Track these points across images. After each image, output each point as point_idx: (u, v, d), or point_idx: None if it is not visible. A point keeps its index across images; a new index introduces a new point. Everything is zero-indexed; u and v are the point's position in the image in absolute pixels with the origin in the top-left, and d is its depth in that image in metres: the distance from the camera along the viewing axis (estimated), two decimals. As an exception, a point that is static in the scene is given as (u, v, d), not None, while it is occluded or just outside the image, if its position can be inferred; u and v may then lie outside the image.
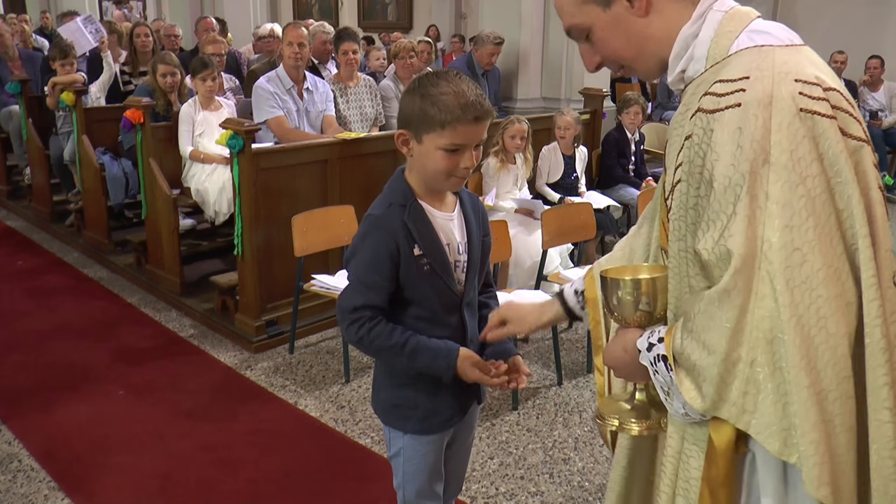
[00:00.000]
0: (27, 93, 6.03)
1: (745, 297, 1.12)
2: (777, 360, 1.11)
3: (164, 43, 6.59)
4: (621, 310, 1.33)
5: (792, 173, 1.10)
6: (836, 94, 1.16)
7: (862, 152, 1.16)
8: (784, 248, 1.10)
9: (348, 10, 15.32)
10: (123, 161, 5.20)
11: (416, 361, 1.75)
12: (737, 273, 1.12)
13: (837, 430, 1.11)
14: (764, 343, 1.11)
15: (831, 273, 1.10)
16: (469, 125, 1.65)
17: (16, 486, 2.82)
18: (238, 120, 3.98)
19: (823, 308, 1.10)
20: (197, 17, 8.05)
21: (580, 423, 3.34)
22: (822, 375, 1.10)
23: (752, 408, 1.13)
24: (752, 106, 1.13)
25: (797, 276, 1.09)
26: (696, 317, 1.18)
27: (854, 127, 1.16)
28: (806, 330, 1.09)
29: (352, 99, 5.00)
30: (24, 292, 4.80)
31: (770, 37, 1.21)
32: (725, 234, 1.14)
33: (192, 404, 3.44)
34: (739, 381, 1.13)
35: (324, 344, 4.12)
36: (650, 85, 9.77)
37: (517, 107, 6.33)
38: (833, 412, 1.11)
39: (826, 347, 1.10)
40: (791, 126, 1.11)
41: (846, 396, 1.11)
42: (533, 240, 4.53)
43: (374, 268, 1.73)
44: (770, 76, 1.14)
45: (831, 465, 1.11)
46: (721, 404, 1.14)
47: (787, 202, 1.10)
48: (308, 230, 3.73)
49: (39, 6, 11.90)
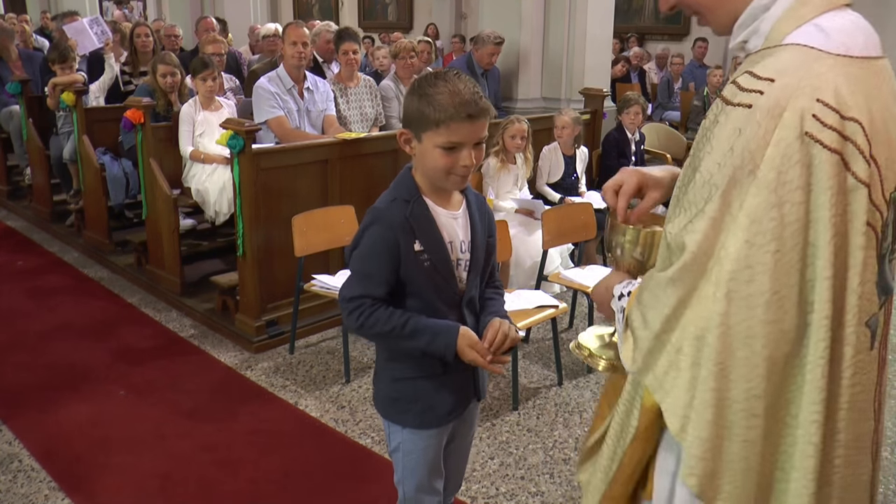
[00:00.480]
0: (27, 93, 6.03)
1: (688, 291, 1.18)
2: (698, 357, 1.18)
3: (165, 43, 6.59)
4: (616, 253, 1.45)
5: (772, 194, 1.10)
6: (855, 126, 1.11)
7: (857, 194, 1.12)
8: (737, 261, 1.13)
9: (349, 10, 15.34)
10: (124, 161, 5.20)
11: (416, 341, 1.77)
12: (684, 268, 1.18)
13: (734, 439, 1.18)
14: (692, 338, 1.18)
15: (775, 299, 1.13)
16: (463, 122, 1.67)
17: (16, 486, 2.82)
18: (238, 120, 3.98)
19: (756, 328, 1.14)
20: (197, 17, 8.04)
21: (581, 424, 3.34)
22: (731, 386, 1.16)
23: (668, 387, 1.22)
24: (760, 112, 1.12)
25: (740, 292, 1.13)
26: (646, 291, 1.27)
27: (859, 166, 1.12)
28: (730, 341, 1.15)
29: (352, 99, 5.00)
30: (25, 292, 4.80)
31: (829, 39, 1.15)
32: (689, 227, 1.18)
33: (192, 404, 3.44)
34: (664, 361, 1.22)
35: (324, 344, 4.12)
36: (650, 85, 9.79)
37: (517, 107, 6.33)
38: (733, 421, 1.17)
39: (744, 363, 1.15)
40: (789, 147, 1.10)
41: (752, 413, 1.17)
42: (533, 240, 4.54)
43: (373, 259, 1.76)
44: (793, 86, 1.11)
45: (713, 464, 1.19)
46: (646, 373, 1.25)
47: (758, 220, 1.11)
48: (308, 230, 3.73)
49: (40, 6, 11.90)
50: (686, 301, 1.19)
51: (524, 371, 3.79)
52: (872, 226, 1.15)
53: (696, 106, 8.20)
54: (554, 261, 4.62)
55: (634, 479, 1.40)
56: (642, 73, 9.97)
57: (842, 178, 1.11)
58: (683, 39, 11.07)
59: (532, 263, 4.49)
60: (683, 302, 1.19)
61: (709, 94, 8.05)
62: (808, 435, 1.17)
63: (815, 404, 1.15)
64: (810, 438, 1.17)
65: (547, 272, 4.19)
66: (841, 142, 1.10)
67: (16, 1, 13.41)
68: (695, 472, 1.20)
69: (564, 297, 4.37)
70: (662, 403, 1.23)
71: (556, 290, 4.56)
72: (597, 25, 6.27)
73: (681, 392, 1.21)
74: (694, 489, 1.21)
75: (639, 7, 11.79)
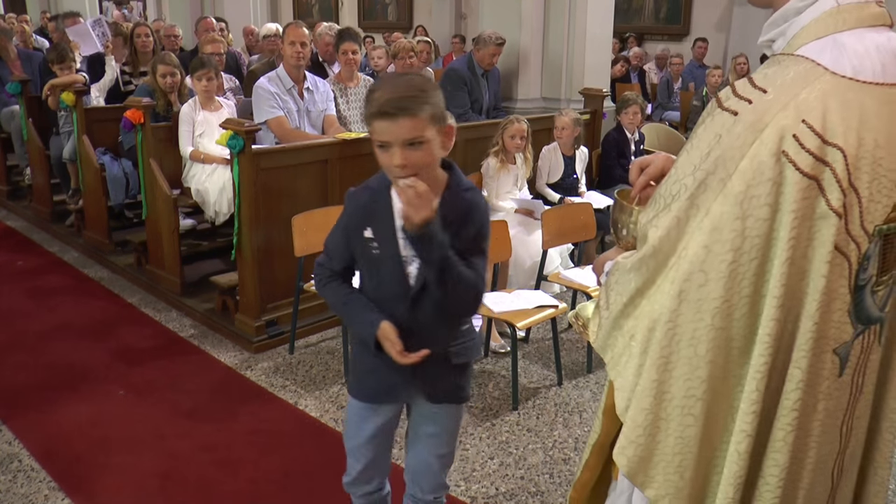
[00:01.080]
0: (27, 93, 6.03)
1: (647, 282, 1.23)
2: (647, 346, 1.23)
3: (165, 43, 6.59)
4: (615, 229, 1.50)
5: (737, 207, 1.11)
6: (836, 153, 1.09)
7: (826, 221, 1.10)
8: (693, 263, 1.15)
9: (349, 10, 15.33)
10: (124, 161, 5.20)
11: (349, 321, 2.02)
12: (643, 259, 1.22)
13: (669, 433, 1.23)
14: (645, 328, 1.23)
15: (725, 307, 1.15)
16: (379, 121, 1.70)
17: (16, 486, 2.82)
18: (238, 120, 3.98)
19: (701, 331, 1.17)
20: (197, 17, 8.05)
21: (580, 424, 3.34)
22: (672, 381, 1.21)
23: (621, 368, 1.29)
24: (743, 123, 1.12)
25: (692, 294, 1.16)
26: (613, 275, 1.32)
27: (834, 194, 1.10)
28: (676, 339, 1.19)
29: (352, 99, 5.00)
30: (25, 292, 4.80)
31: (840, 58, 1.11)
32: (655, 220, 1.20)
33: (192, 404, 3.44)
34: (621, 344, 1.29)
35: (324, 344, 4.12)
36: (650, 85, 9.79)
37: (517, 107, 6.32)
38: (670, 415, 1.22)
39: (686, 363, 1.19)
40: (763, 164, 1.09)
41: (688, 412, 1.21)
42: (533, 240, 4.54)
43: (334, 235, 1.96)
44: (782, 103, 1.10)
45: (646, 451, 1.24)
46: (606, 350, 1.32)
47: (719, 228, 1.12)
48: (308, 230, 3.73)
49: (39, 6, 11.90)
50: (643, 291, 1.24)
51: (524, 371, 3.79)
52: (846, 255, 1.13)
53: (695, 106, 8.21)
54: (553, 261, 4.62)
55: (605, 451, 1.49)
56: (642, 73, 9.98)
57: (811, 204, 1.10)
58: (683, 39, 11.07)
59: (532, 263, 4.49)
60: (641, 292, 1.24)
61: (708, 94, 8.05)
62: (737, 443, 1.20)
63: (746, 415, 1.18)
64: (737, 446, 1.20)
65: (547, 272, 4.19)
66: (817, 167, 1.09)
67: (16, 1, 13.41)
68: (626, 452, 1.25)
69: (564, 297, 4.37)
70: (616, 382, 1.30)
71: (556, 290, 4.56)
72: (597, 25, 6.27)
73: (629, 375, 1.26)
74: (623, 468, 1.26)
75: (638, 7, 11.78)
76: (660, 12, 11.53)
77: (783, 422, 1.19)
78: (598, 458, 1.51)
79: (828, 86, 1.10)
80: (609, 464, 1.51)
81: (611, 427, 1.44)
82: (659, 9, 11.54)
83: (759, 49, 7.78)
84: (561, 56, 6.32)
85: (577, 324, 1.58)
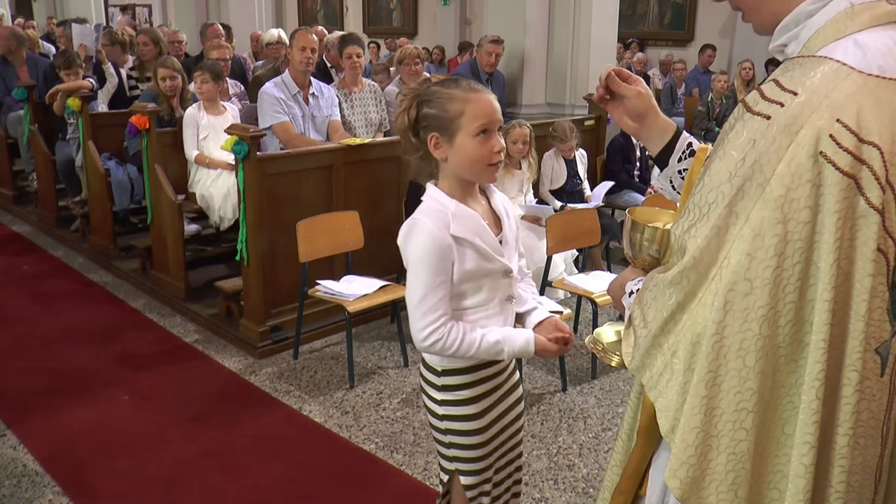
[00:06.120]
0: (33, 98, 6.06)
1: (688, 296, 1.19)
2: (692, 362, 1.19)
3: (169, 49, 6.62)
4: (633, 249, 1.46)
5: (778, 211, 1.10)
6: (873, 150, 1.09)
7: (867, 219, 1.10)
8: (736, 272, 1.13)
9: (353, 15, 15.39)
10: (128, 166, 5.22)
11: None
12: (684, 272, 1.18)
13: (721, 451, 1.19)
14: (688, 342, 1.19)
15: (771, 314, 1.13)
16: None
17: (20, 490, 2.82)
18: (243, 126, 3.99)
19: (748, 341, 1.14)
20: (202, 22, 8.09)
21: (585, 430, 3.33)
22: (721, 395, 1.17)
23: (663, 388, 1.24)
24: (777, 126, 1.10)
25: (737, 304, 1.13)
26: (648, 291, 1.27)
27: (873, 191, 1.09)
28: (723, 352, 1.16)
29: (356, 105, 5.00)
30: (30, 297, 4.81)
31: (865, 57, 1.11)
32: (692, 231, 1.18)
33: (196, 409, 3.44)
34: (660, 362, 1.24)
35: (328, 349, 4.12)
36: (654, 90, 9.80)
37: (521, 112, 6.33)
38: (721, 431, 1.18)
39: (735, 375, 1.16)
40: (802, 166, 1.08)
41: (740, 426, 1.17)
42: (539, 246, 4.53)
43: None
44: (815, 104, 1.09)
45: (698, 471, 1.20)
46: (643, 371, 1.27)
47: (761, 234, 1.11)
48: (313, 236, 3.74)
49: (46, 11, 11.97)
50: (684, 305, 1.20)
51: (528, 377, 3.78)
52: (884, 252, 1.12)
53: (700, 111, 8.21)
54: (558, 267, 4.61)
55: (640, 473, 1.44)
56: (646, 78, 9.97)
57: (852, 203, 1.09)
58: (688, 45, 11.08)
59: (536, 269, 4.48)
60: (682, 306, 1.20)
61: (713, 100, 8.04)
62: (801, 455, 1.17)
63: (808, 426, 1.15)
64: (801, 459, 1.16)
65: (551, 278, 4.19)
66: (856, 165, 1.08)
67: (22, 6, 13.49)
68: (678, 475, 1.21)
69: (569, 303, 4.36)
70: (656, 403, 1.25)
71: (561, 296, 4.55)
72: (601, 31, 6.28)
73: (673, 394, 1.22)
74: (675, 492, 1.22)
75: (642, 13, 11.80)
76: (664, 18, 11.55)
77: (846, 427, 1.16)
78: (632, 481, 1.46)
79: (857, 85, 1.10)
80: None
81: (646, 449, 1.41)
82: (663, 15, 11.56)
83: (763, 55, 7.78)
84: (565, 61, 6.33)
85: (595, 349, 1.55)
